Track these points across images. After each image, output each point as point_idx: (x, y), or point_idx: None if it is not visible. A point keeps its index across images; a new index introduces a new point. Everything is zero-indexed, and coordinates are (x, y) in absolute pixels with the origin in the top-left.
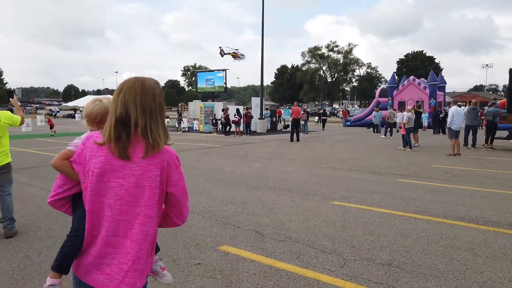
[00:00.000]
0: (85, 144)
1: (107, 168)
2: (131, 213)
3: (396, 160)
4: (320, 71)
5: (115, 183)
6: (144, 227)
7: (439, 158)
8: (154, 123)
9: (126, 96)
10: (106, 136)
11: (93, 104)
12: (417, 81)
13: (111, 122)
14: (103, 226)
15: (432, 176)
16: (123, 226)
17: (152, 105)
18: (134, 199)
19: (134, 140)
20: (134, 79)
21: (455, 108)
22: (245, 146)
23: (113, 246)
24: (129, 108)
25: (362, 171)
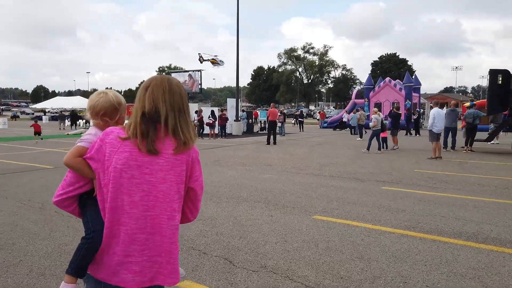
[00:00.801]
0: (103, 140)
1: (132, 164)
2: (159, 208)
3: (377, 164)
4: (296, 72)
5: (141, 179)
6: (173, 221)
7: (420, 162)
8: (183, 121)
9: (155, 93)
10: (132, 131)
11: (98, 96)
12: (393, 82)
13: (138, 118)
14: (125, 224)
15: (416, 182)
16: (151, 222)
17: (180, 103)
18: (162, 194)
19: (162, 136)
20: (161, 77)
21: (436, 110)
22: (219, 151)
23: (140, 243)
24: (158, 105)
25: (343, 178)
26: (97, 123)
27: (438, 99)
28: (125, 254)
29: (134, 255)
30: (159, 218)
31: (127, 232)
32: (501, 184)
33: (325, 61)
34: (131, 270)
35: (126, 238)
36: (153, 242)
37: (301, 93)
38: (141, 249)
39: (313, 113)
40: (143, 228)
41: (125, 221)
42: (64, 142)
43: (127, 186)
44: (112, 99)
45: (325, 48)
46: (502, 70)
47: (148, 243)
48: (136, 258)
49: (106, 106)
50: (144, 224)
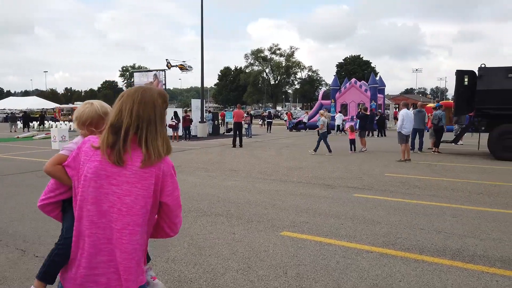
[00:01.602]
0: (80, 149)
1: (101, 173)
2: (121, 221)
3: (346, 168)
4: (263, 73)
5: (108, 189)
6: (134, 237)
7: (390, 165)
8: (152, 133)
9: (123, 104)
10: (102, 141)
11: (83, 107)
12: (359, 83)
13: (107, 128)
14: (89, 235)
15: (389, 188)
16: (115, 235)
17: (151, 115)
18: (126, 207)
19: (131, 147)
20: (137, 87)
21: (405, 111)
22: (181, 154)
23: (107, 254)
24: (124, 116)
25: (312, 184)
26: (83, 133)
27: (400, 100)
28: (90, 267)
29: (100, 267)
30: (120, 232)
31: (93, 243)
32: (474, 189)
33: (291, 62)
34: (98, 283)
35: (91, 249)
36: (114, 256)
37: (268, 94)
38: (108, 260)
39: (280, 114)
40: (108, 240)
41: (91, 231)
42: (13, 146)
43: (95, 195)
44: (98, 109)
45: (292, 49)
46: (468, 71)
47: (111, 255)
48: (102, 270)
49: (91, 116)
50: (109, 236)
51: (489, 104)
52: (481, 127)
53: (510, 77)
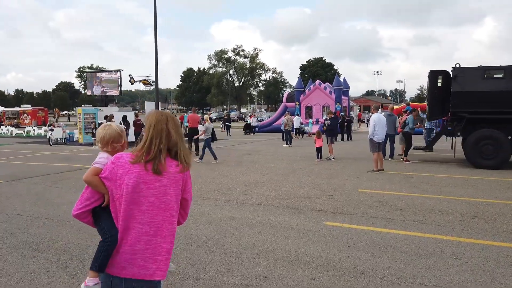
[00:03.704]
0: (115, 163)
1: (140, 181)
2: (161, 215)
3: (314, 182)
4: (227, 75)
5: (147, 193)
6: (171, 226)
7: (362, 177)
8: (181, 149)
9: (175, 127)
10: (141, 156)
11: (104, 129)
12: (323, 85)
13: (161, 144)
14: (133, 229)
15: (367, 211)
16: (154, 227)
17: (181, 133)
18: (164, 204)
19: (164, 159)
20: (165, 112)
21: (377, 115)
22: None
23: (143, 243)
24: (177, 137)
25: (275, 207)
26: (106, 150)
27: (362, 101)
28: (132, 253)
29: (139, 253)
30: (160, 223)
31: (134, 235)
32: (465, 211)
33: (255, 64)
34: (137, 265)
35: (133, 239)
36: (155, 243)
37: (233, 95)
38: (145, 248)
39: (244, 116)
40: (147, 232)
41: (133, 226)
42: None
43: (136, 198)
44: (116, 129)
45: (255, 51)
46: (442, 71)
47: (151, 244)
48: (140, 255)
49: (113, 135)
50: (149, 228)
51: (465, 107)
52: (456, 132)
53: (487, 78)
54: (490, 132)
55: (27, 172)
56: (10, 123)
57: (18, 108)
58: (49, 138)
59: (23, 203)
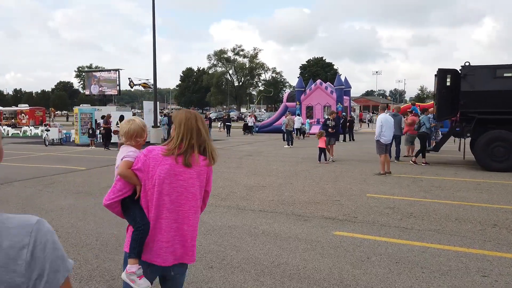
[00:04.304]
0: (147, 156)
1: (171, 173)
2: (187, 205)
3: (318, 186)
4: (227, 74)
5: (177, 184)
6: (196, 215)
7: (369, 180)
8: (209, 145)
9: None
10: (173, 150)
11: (128, 124)
12: (324, 85)
13: (192, 140)
14: (164, 218)
15: (378, 219)
16: (181, 215)
17: (205, 131)
18: (190, 195)
19: (194, 153)
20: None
21: (383, 116)
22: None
23: (174, 231)
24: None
25: (278, 214)
26: (129, 144)
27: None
28: (166, 240)
29: (170, 240)
30: (187, 212)
31: (167, 224)
32: (484, 219)
33: (255, 64)
34: (169, 252)
35: (166, 228)
36: (182, 230)
37: (232, 95)
38: (175, 235)
39: (244, 116)
40: (176, 219)
41: (165, 215)
42: None
43: (167, 189)
44: (140, 124)
45: (255, 50)
46: (451, 69)
47: (179, 230)
48: (171, 242)
49: (137, 130)
50: (177, 216)
51: (474, 107)
52: (466, 133)
53: (498, 77)
54: (502, 133)
55: (19, 174)
56: (7, 123)
57: (15, 107)
58: (45, 138)
59: (9, 209)
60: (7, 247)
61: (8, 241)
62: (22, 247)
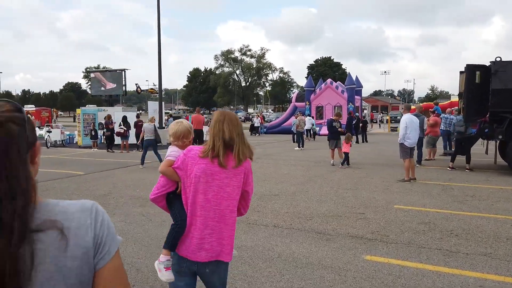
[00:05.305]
0: (186, 155)
1: (207, 172)
2: (223, 204)
3: (337, 194)
4: (234, 74)
5: (212, 183)
6: (233, 214)
7: (393, 188)
8: (241, 144)
9: (229, 125)
10: (210, 151)
11: (176, 125)
12: (335, 84)
13: (219, 143)
14: (200, 215)
15: (414, 239)
16: (218, 214)
17: (239, 131)
18: (226, 194)
19: (228, 154)
20: (229, 113)
21: (408, 116)
22: (120, 174)
23: (210, 229)
24: (233, 134)
25: (295, 231)
26: (176, 144)
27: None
28: (200, 237)
29: (206, 238)
30: (224, 211)
31: (201, 221)
32: None
33: (262, 64)
34: (204, 249)
35: (201, 225)
36: (219, 228)
37: (239, 96)
38: (211, 233)
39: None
40: (213, 218)
41: (200, 213)
42: None
43: (202, 188)
44: (186, 125)
45: (262, 50)
46: (480, 65)
47: (215, 228)
48: (207, 240)
49: (184, 131)
50: (214, 215)
51: (507, 107)
52: (497, 135)
53: None
54: None
55: None
56: None
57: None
58: (46, 140)
59: None
60: (75, 228)
61: (75, 223)
62: (87, 226)
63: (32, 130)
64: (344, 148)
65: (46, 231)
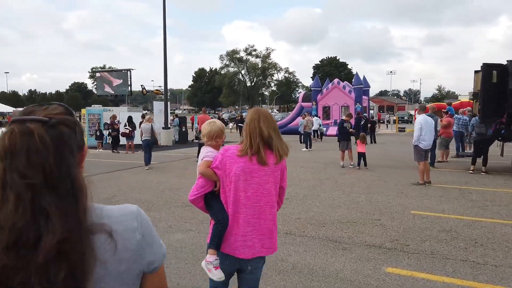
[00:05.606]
0: (224, 155)
1: (246, 171)
2: (263, 200)
3: (350, 198)
4: (239, 75)
5: (252, 181)
6: (273, 210)
7: (407, 192)
8: (278, 141)
9: (266, 123)
10: (249, 150)
11: (209, 125)
12: (342, 84)
13: (257, 140)
14: (241, 213)
15: (436, 248)
16: (257, 210)
17: (275, 127)
18: (265, 191)
19: (266, 151)
20: (263, 110)
21: (423, 117)
22: (126, 175)
23: (252, 226)
24: (270, 131)
25: (309, 238)
26: (210, 144)
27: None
28: (243, 234)
29: (248, 235)
30: (263, 207)
31: (243, 218)
32: None
33: (268, 64)
34: (247, 246)
35: (243, 222)
36: (259, 225)
37: (245, 96)
38: (252, 230)
39: None
40: (253, 215)
41: (242, 210)
42: None
43: (243, 186)
44: (219, 126)
45: (268, 50)
46: (497, 65)
47: (256, 225)
48: (250, 236)
49: (217, 131)
50: (254, 212)
51: None
52: None
53: None
54: None
55: None
56: None
57: None
58: None
59: None
60: (123, 231)
61: (122, 226)
62: (133, 229)
63: (81, 133)
64: (360, 148)
65: (95, 234)
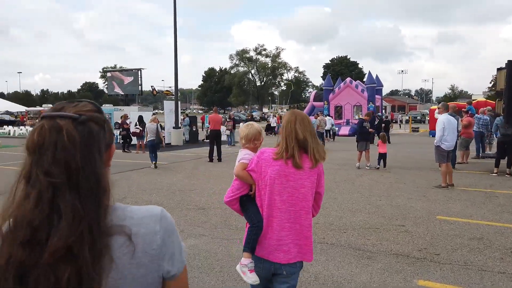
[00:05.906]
0: (259, 157)
1: (281, 174)
2: (299, 205)
3: (370, 202)
4: (249, 74)
5: (287, 184)
6: (308, 215)
7: (430, 195)
8: (315, 144)
9: (302, 126)
10: (284, 153)
11: (247, 128)
12: (354, 83)
13: (292, 143)
14: (276, 216)
15: (469, 258)
16: (293, 215)
17: (312, 131)
18: (301, 195)
19: (302, 155)
20: (299, 112)
21: (445, 117)
22: (137, 175)
23: (287, 230)
24: (306, 135)
25: (330, 246)
26: (247, 146)
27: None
28: (278, 239)
29: (283, 239)
30: (299, 212)
31: (278, 222)
32: None
33: (277, 63)
34: (282, 250)
35: (278, 226)
36: (295, 229)
37: (254, 95)
38: (287, 234)
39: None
40: (288, 219)
41: (276, 214)
42: None
43: (278, 189)
44: (257, 128)
45: (277, 50)
46: None
47: (291, 230)
48: (285, 241)
49: (254, 134)
50: (289, 216)
51: None
52: None
53: None
54: None
55: None
56: (31, 123)
57: (40, 108)
58: None
59: None
60: (143, 234)
61: (144, 229)
62: (155, 233)
63: (110, 131)
64: (381, 148)
65: (113, 236)
